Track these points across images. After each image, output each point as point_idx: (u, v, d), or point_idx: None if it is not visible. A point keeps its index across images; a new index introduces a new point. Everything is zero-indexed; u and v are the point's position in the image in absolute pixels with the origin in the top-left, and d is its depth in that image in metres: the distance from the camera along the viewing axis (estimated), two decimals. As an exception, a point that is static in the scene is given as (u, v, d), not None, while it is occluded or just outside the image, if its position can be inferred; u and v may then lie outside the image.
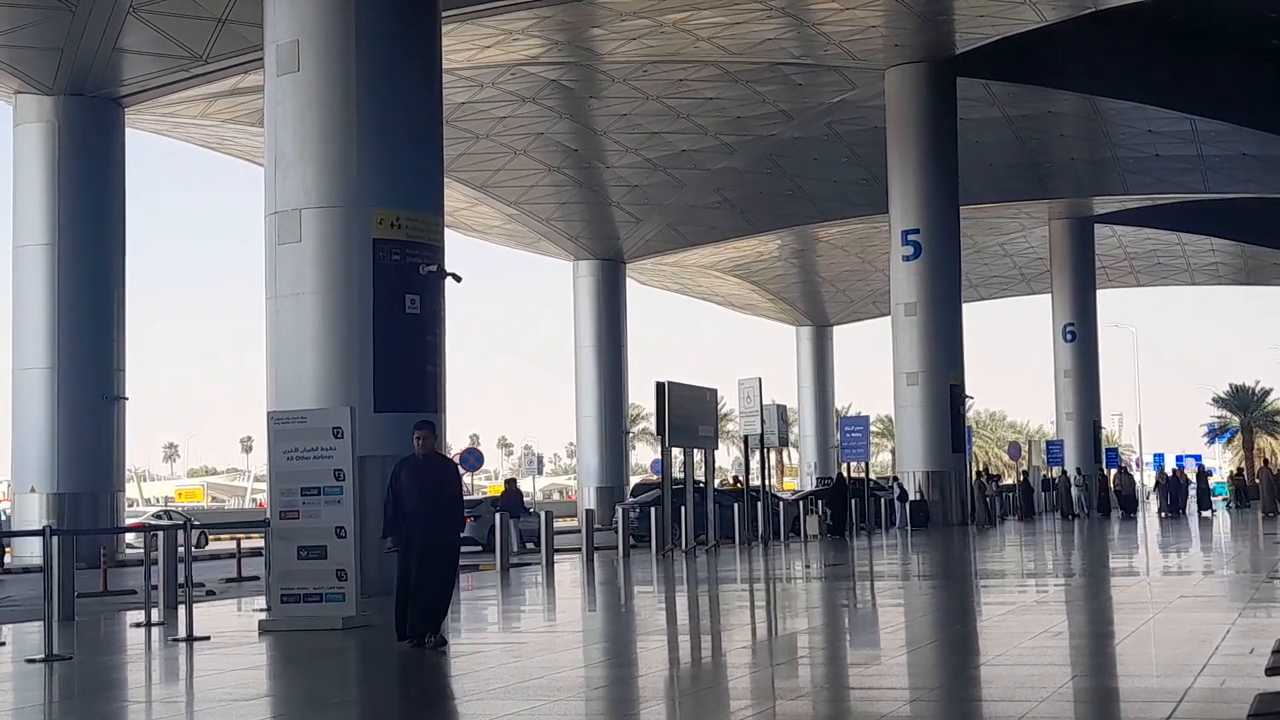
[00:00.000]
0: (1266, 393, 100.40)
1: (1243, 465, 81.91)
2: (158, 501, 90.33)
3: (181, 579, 15.09)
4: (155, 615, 15.15)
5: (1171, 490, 49.25)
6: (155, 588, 16.17)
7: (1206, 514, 47.44)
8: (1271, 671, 6.07)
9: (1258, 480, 48.62)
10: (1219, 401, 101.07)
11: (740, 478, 39.70)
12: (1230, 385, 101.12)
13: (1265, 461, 60.11)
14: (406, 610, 12.22)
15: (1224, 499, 62.25)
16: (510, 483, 37.02)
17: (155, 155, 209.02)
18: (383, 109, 19.65)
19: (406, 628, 12.22)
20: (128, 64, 30.09)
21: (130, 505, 42.55)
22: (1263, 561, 21.92)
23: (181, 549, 15.75)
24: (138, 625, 14.86)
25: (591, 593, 19.84)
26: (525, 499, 36.91)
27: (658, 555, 27.09)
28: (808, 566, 23.82)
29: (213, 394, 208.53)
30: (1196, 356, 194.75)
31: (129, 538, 33.13)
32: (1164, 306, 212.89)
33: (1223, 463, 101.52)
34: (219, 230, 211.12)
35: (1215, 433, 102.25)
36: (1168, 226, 58.83)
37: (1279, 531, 31.95)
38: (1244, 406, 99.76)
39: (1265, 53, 41.92)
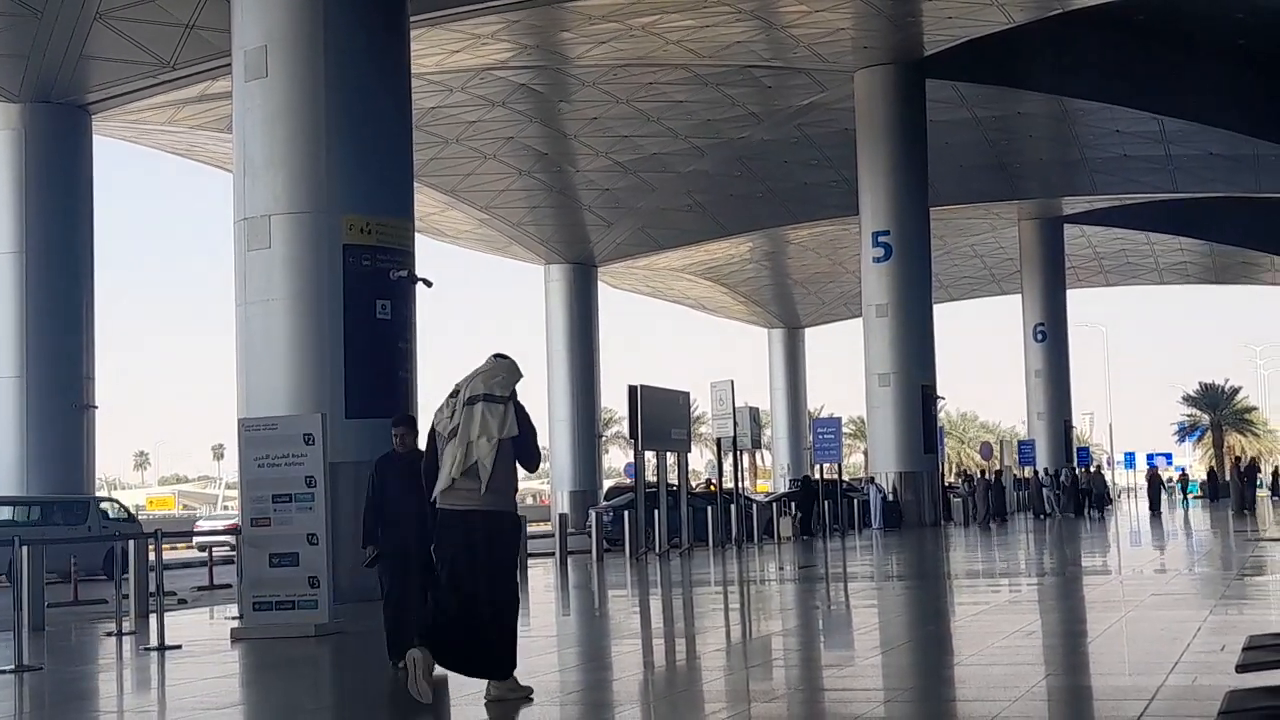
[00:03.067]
0: (1236, 391, 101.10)
1: (1213, 465, 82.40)
2: (136, 510, 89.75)
3: (153, 588, 15.02)
4: (126, 624, 15.07)
5: (1150, 488, 49.67)
6: (126, 597, 16.09)
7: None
8: (1242, 668, 6.09)
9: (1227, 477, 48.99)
10: (1189, 400, 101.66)
11: (714, 480, 39.71)
12: (1200, 384, 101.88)
13: (1237, 459, 60.44)
14: (401, 627, 10.83)
15: (1195, 496, 62.85)
16: None
17: (123, 162, 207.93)
18: (352, 114, 19.60)
19: (402, 646, 10.53)
20: (95, 71, 29.93)
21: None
22: (1234, 558, 22.03)
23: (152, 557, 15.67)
24: (109, 635, 14.78)
25: (566, 597, 19.81)
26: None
27: (632, 559, 27.08)
28: (781, 569, 23.84)
29: (183, 401, 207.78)
30: (1166, 355, 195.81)
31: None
32: (1133, 306, 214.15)
33: (1193, 460, 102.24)
34: (188, 237, 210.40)
35: (1185, 431, 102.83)
36: (1136, 226, 59.16)
37: (1248, 529, 32.13)
38: (1213, 405, 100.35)
39: (1232, 53, 42.14)
